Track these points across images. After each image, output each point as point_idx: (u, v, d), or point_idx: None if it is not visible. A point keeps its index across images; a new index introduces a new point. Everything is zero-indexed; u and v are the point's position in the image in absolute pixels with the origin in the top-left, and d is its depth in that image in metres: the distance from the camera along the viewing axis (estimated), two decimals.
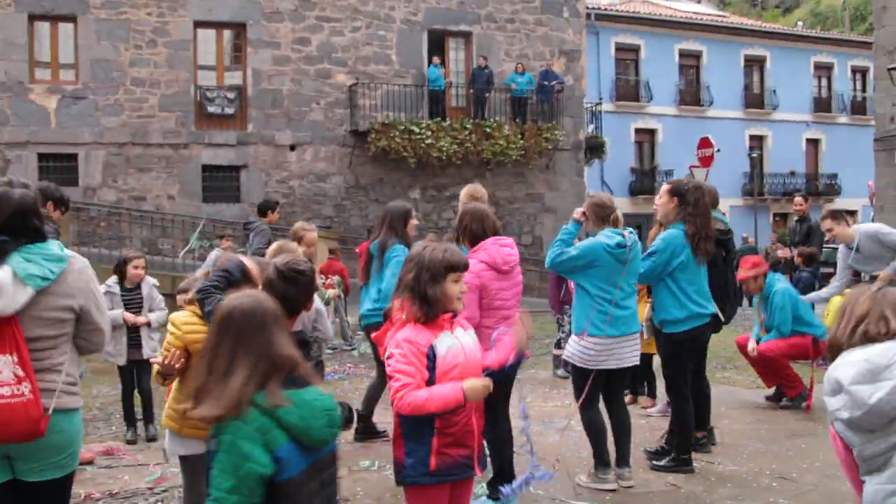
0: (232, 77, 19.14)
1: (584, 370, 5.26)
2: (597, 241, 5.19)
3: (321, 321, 5.06)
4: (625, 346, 5.30)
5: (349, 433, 6.47)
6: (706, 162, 18.83)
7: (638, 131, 31.86)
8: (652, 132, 32.11)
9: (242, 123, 18.85)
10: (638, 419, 7.26)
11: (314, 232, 6.80)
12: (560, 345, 9.54)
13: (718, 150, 19.16)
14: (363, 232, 17.85)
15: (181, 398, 3.93)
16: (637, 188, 30.98)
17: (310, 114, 19.24)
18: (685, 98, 32.45)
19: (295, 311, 3.37)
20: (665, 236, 5.64)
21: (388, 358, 3.32)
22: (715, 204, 6.24)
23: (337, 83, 19.46)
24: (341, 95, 19.47)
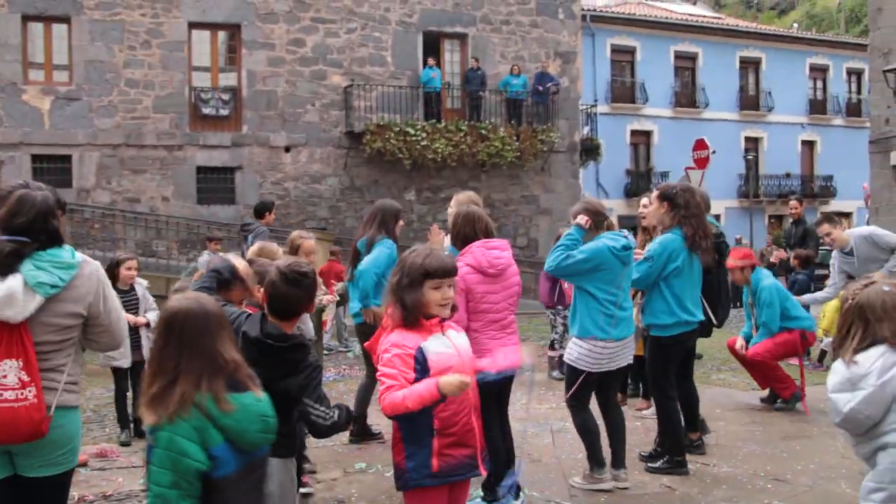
0: (226, 78, 19.10)
1: (581, 371, 5.23)
2: (602, 244, 5.11)
3: (303, 321, 5.04)
4: (626, 347, 5.32)
5: (344, 435, 6.46)
6: (702, 164, 18.86)
7: (633, 133, 31.88)
8: (647, 134, 32.14)
9: (237, 125, 18.82)
10: (633, 421, 7.25)
11: (312, 240, 6.35)
12: (554, 346, 9.53)
13: (714, 152, 19.19)
14: (356, 233, 17.78)
15: None
16: (632, 190, 30.97)
17: (305, 115, 19.22)
18: (681, 100, 32.49)
19: (296, 314, 3.39)
20: (662, 241, 5.62)
21: (378, 362, 3.34)
22: (707, 208, 6.25)
23: (332, 84, 19.44)
24: (336, 97, 19.45)
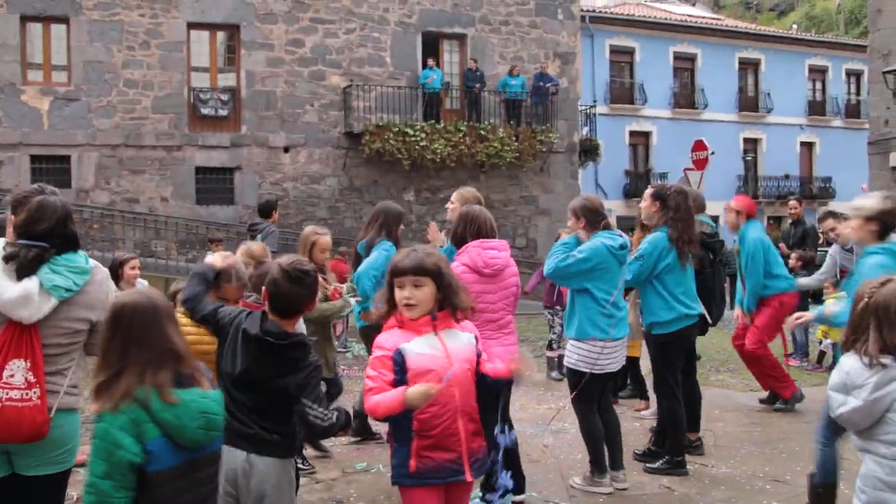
0: (225, 79, 19.08)
1: (583, 374, 5.20)
2: (601, 244, 5.10)
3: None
4: (622, 349, 5.33)
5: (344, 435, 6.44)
6: (700, 165, 18.86)
7: (632, 134, 31.86)
8: (646, 135, 32.12)
9: (236, 125, 18.80)
10: (632, 422, 7.25)
11: (328, 236, 6.20)
12: (552, 346, 9.52)
13: (713, 153, 19.19)
14: (357, 234, 17.78)
15: None
16: (631, 191, 30.94)
17: (304, 116, 19.20)
18: (679, 101, 32.47)
19: (298, 312, 3.39)
20: (651, 239, 5.68)
21: None
22: (701, 209, 6.30)
23: (331, 85, 19.42)
24: (335, 97, 19.44)
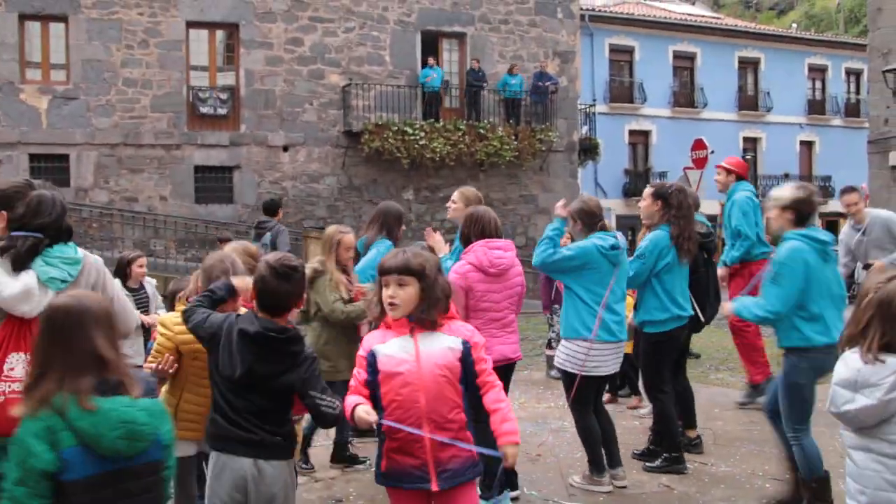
0: (224, 77, 19.08)
1: (572, 374, 5.19)
2: (591, 243, 5.15)
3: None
4: (615, 353, 5.31)
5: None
6: (700, 164, 18.81)
7: (632, 133, 31.86)
8: (646, 134, 32.12)
9: (235, 124, 18.79)
10: (631, 420, 7.24)
11: (351, 234, 5.96)
12: (551, 345, 9.52)
13: (712, 152, 19.12)
14: (358, 233, 17.78)
15: (171, 400, 3.91)
16: (631, 190, 30.94)
17: (303, 114, 19.20)
18: (679, 100, 32.47)
19: (286, 309, 3.35)
20: (652, 238, 5.71)
21: None
22: (696, 208, 6.37)
23: (330, 84, 19.42)
24: (334, 96, 19.44)
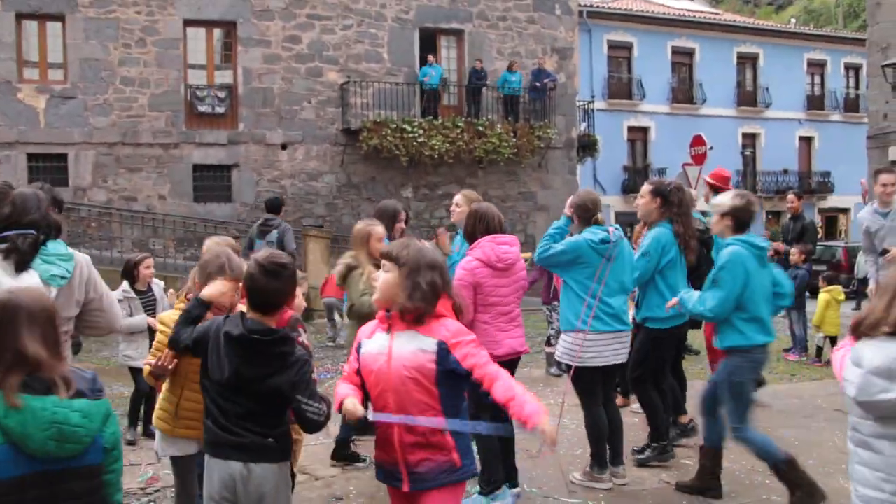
0: (222, 76, 19.05)
1: (577, 367, 5.26)
2: (582, 238, 5.30)
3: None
4: (613, 343, 5.33)
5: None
6: (699, 160, 18.78)
7: (630, 129, 31.83)
8: (644, 130, 32.09)
9: (233, 122, 18.76)
10: (631, 417, 7.22)
11: (381, 226, 5.74)
12: (550, 342, 9.53)
13: (711, 148, 19.10)
14: None
15: (171, 398, 3.89)
16: (630, 186, 30.88)
17: (301, 112, 19.17)
18: (678, 96, 32.43)
19: (277, 307, 3.27)
20: (655, 235, 5.74)
21: None
22: (692, 205, 6.46)
23: (328, 81, 19.39)
24: (333, 94, 19.40)
